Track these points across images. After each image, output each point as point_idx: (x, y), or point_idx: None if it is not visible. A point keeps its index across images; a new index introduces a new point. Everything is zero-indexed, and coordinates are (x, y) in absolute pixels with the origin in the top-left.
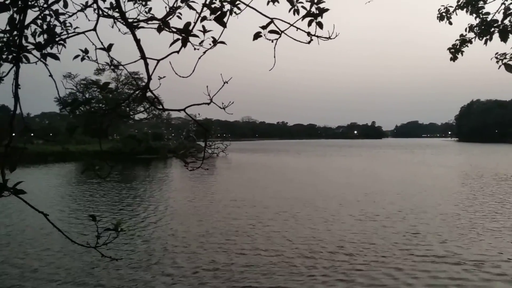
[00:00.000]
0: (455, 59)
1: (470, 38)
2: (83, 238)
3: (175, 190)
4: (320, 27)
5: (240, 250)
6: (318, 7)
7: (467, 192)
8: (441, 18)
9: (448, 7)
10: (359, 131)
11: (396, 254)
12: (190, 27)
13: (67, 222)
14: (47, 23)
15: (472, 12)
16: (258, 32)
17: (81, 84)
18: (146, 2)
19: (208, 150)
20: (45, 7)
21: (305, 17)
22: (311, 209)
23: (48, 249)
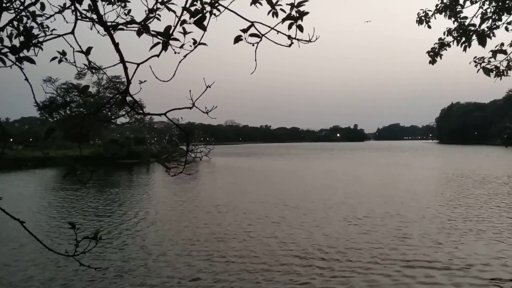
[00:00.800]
0: (434, 62)
1: (449, 42)
2: (62, 246)
3: (157, 196)
4: (300, 30)
5: (224, 257)
6: (298, 10)
7: (450, 195)
8: (420, 22)
9: (427, 11)
10: (342, 134)
11: (381, 259)
12: (170, 31)
13: (45, 229)
14: (24, 25)
15: (450, 16)
16: (238, 36)
17: (62, 88)
18: (125, 4)
19: (191, 154)
20: (22, 9)
21: (285, 20)
22: (295, 213)
23: (23, 258)
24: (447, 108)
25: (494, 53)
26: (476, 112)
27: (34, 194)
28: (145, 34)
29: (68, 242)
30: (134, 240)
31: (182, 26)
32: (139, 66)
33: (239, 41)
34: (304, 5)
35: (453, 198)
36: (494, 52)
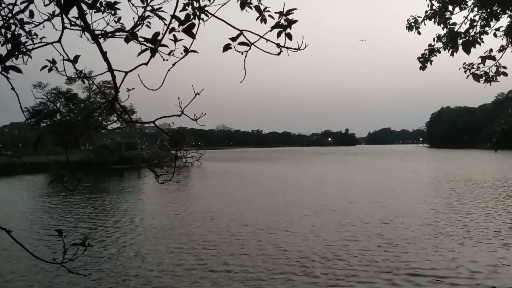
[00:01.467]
0: (424, 68)
1: (439, 48)
2: (50, 254)
3: (148, 202)
4: (289, 38)
5: (216, 264)
6: (287, 19)
7: (441, 200)
8: (410, 28)
9: (417, 17)
10: (333, 138)
11: (372, 267)
12: (159, 37)
13: (33, 237)
14: (12, 33)
15: (439, 23)
16: (227, 44)
17: (52, 93)
18: (115, 12)
19: (183, 159)
20: (10, 17)
21: (274, 29)
22: (286, 220)
23: (10, 268)
24: (437, 112)
25: (483, 59)
26: (465, 116)
27: (23, 201)
28: (133, 41)
29: (56, 250)
30: (125, 247)
31: (172, 34)
32: (127, 75)
33: (228, 50)
34: (292, 13)
35: (445, 204)
36: (483, 58)
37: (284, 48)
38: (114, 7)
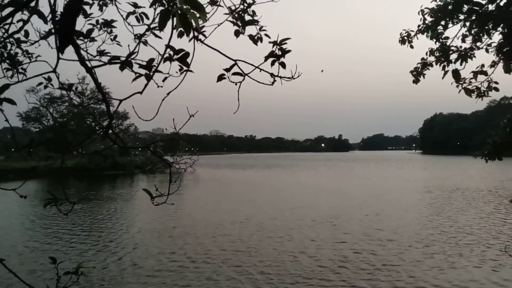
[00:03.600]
0: (417, 82)
1: (431, 62)
2: (42, 275)
3: (141, 213)
4: (283, 67)
5: (209, 277)
6: (281, 48)
7: (434, 209)
8: (403, 42)
9: (409, 31)
10: (327, 144)
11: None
12: (154, 64)
13: (23, 257)
14: (8, 52)
15: (432, 37)
16: (221, 75)
17: (45, 98)
18: (111, 30)
19: (175, 166)
20: (6, 37)
21: (268, 58)
22: (279, 231)
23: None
24: (430, 118)
25: (475, 74)
26: (458, 122)
27: (14, 212)
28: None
29: (48, 275)
30: (118, 267)
31: (168, 53)
32: (121, 103)
33: (222, 79)
34: (286, 43)
35: (438, 215)
36: (475, 73)
37: (277, 77)
38: (111, 25)
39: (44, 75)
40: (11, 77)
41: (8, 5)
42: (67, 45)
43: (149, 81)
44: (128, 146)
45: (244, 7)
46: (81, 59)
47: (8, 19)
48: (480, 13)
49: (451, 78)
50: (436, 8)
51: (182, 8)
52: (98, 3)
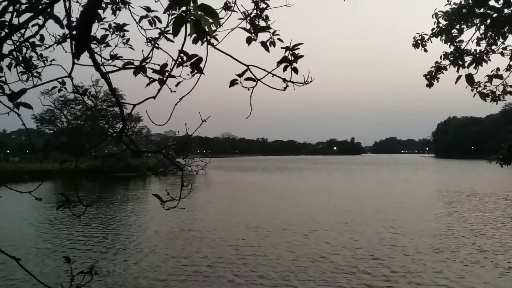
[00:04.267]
0: (431, 86)
1: (445, 65)
2: (57, 275)
3: (154, 215)
4: (295, 73)
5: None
6: (294, 53)
7: (451, 214)
8: (417, 46)
9: (423, 35)
10: (339, 147)
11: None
12: (167, 69)
13: (38, 258)
14: (23, 56)
15: (446, 41)
16: (234, 80)
17: (59, 101)
18: (123, 34)
19: (188, 168)
20: (21, 41)
21: (281, 63)
22: (294, 235)
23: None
24: (443, 122)
25: (490, 78)
26: (472, 126)
27: (28, 213)
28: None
29: (62, 275)
30: (129, 268)
31: (181, 57)
32: (135, 107)
33: (235, 85)
34: (298, 48)
35: (453, 221)
36: (490, 77)
37: (290, 82)
38: (123, 29)
39: (59, 79)
40: (26, 80)
41: (25, 11)
42: (83, 51)
43: (162, 86)
44: (141, 150)
45: (258, 12)
46: (96, 65)
47: (26, 25)
48: (496, 17)
49: (465, 81)
50: (450, 11)
51: (196, 14)
52: (112, 8)
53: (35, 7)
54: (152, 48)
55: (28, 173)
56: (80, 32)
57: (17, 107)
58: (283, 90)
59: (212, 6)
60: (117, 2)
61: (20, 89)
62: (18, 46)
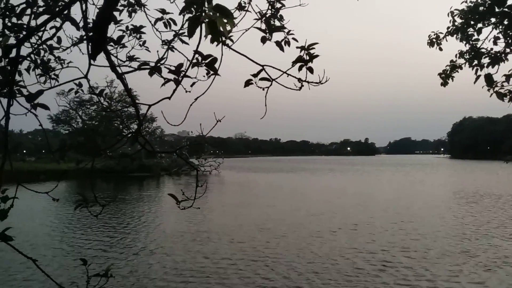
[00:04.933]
0: (445, 85)
1: (461, 64)
2: (72, 275)
3: (169, 215)
4: (311, 72)
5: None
6: (309, 53)
7: (470, 217)
8: (431, 44)
9: (438, 33)
10: (352, 148)
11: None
12: (182, 69)
13: (54, 261)
14: (41, 58)
15: (462, 39)
16: (249, 80)
17: (75, 101)
18: (140, 36)
19: (201, 167)
20: (39, 43)
21: (296, 63)
22: (312, 235)
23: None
24: (459, 122)
25: (508, 77)
26: (488, 126)
27: (45, 213)
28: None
29: (78, 276)
30: (146, 270)
31: (196, 58)
32: (150, 108)
33: (250, 85)
34: (314, 48)
35: (478, 222)
36: (508, 76)
37: (305, 82)
38: (139, 31)
39: (75, 81)
40: (44, 82)
41: (43, 13)
42: (99, 52)
43: (178, 86)
44: (156, 150)
45: (273, 12)
46: (112, 66)
47: (43, 27)
48: None
49: (482, 81)
50: (466, 9)
51: (211, 15)
52: (127, 10)
53: (52, 9)
54: (167, 49)
55: (44, 173)
56: (97, 33)
57: (35, 108)
58: (298, 90)
59: (227, 7)
60: (132, 4)
61: (37, 90)
62: (36, 49)
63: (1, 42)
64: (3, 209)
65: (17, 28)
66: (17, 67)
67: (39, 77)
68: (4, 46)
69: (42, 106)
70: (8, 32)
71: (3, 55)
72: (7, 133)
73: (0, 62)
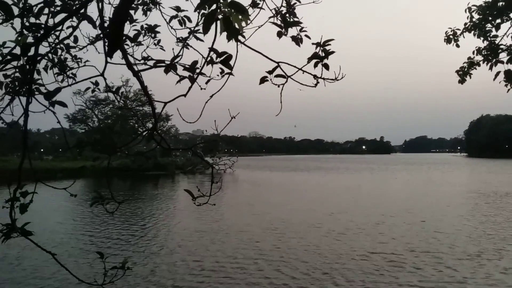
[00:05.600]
0: (463, 82)
1: (478, 61)
2: (90, 273)
3: (184, 213)
4: (326, 69)
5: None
6: (324, 49)
7: (493, 218)
8: (449, 41)
9: (455, 30)
10: (368, 146)
11: None
12: (197, 67)
13: (72, 254)
14: (58, 57)
15: (479, 36)
16: (264, 77)
17: (91, 100)
18: (155, 35)
19: (216, 166)
20: (57, 43)
21: (312, 60)
22: (331, 234)
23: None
24: (476, 120)
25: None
26: (506, 124)
27: (62, 209)
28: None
29: (95, 270)
30: (161, 265)
31: (211, 56)
32: (166, 105)
33: (265, 82)
34: (329, 44)
35: (501, 224)
36: None
37: (321, 79)
38: (154, 30)
39: (92, 79)
40: (61, 81)
41: (60, 12)
42: (116, 50)
43: (193, 84)
44: (172, 147)
45: (289, 9)
46: (128, 63)
47: (60, 25)
48: None
49: (500, 78)
50: (484, 5)
51: (226, 11)
52: (143, 8)
53: (69, 8)
54: (182, 47)
55: (61, 171)
56: (113, 31)
57: (53, 105)
58: (314, 87)
59: (242, 4)
60: (147, 3)
61: (55, 88)
62: (53, 48)
63: (20, 40)
64: (23, 203)
65: (35, 27)
66: (35, 65)
67: (57, 75)
68: (23, 44)
69: (60, 103)
70: (26, 32)
71: (22, 53)
72: (26, 131)
73: (18, 61)
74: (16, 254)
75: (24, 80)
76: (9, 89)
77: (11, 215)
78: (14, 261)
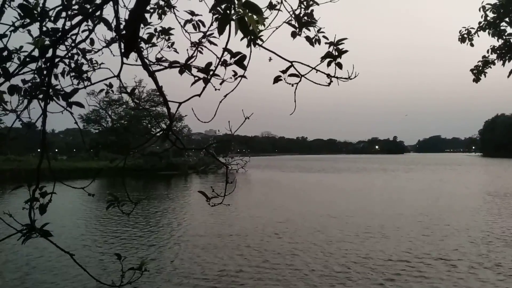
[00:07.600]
0: (478, 81)
1: (493, 60)
2: (106, 274)
3: (199, 213)
4: (339, 68)
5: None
6: (337, 48)
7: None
8: (463, 40)
9: (470, 28)
10: (381, 146)
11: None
12: (212, 67)
13: (89, 252)
14: (75, 62)
15: (494, 35)
16: (278, 76)
17: (104, 101)
18: (169, 37)
19: (229, 166)
20: (73, 46)
21: (325, 59)
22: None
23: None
24: (491, 120)
25: None
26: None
27: (78, 209)
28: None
29: (110, 270)
30: (179, 266)
31: (224, 57)
32: (180, 105)
33: (279, 81)
34: (343, 43)
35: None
36: None
37: (334, 78)
38: (169, 33)
39: (106, 81)
40: (77, 84)
41: (77, 15)
42: (132, 49)
43: (207, 84)
44: (186, 147)
45: (305, 11)
46: (144, 64)
47: (76, 28)
48: None
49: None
50: (498, 3)
51: (240, 12)
52: (158, 12)
53: (85, 11)
54: (196, 48)
55: (76, 171)
56: (129, 31)
57: (70, 106)
58: (328, 86)
59: (257, 4)
60: (162, 7)
61: (72, 89)
62: (69, 51)
63: (38, 41)
64: (42, 203)
65: (53, 32)
66: (53, 67)
67: (73, 78)
68: (41, 46)
69: (77, 104)
70: (43, 36)
71: (39, 55)
72: (44, 131)
73: (37, 62)
74: (34, 253)
75: (42, 82)
76: (27, 93)
77: (30, 216)
78: (31, 261)
